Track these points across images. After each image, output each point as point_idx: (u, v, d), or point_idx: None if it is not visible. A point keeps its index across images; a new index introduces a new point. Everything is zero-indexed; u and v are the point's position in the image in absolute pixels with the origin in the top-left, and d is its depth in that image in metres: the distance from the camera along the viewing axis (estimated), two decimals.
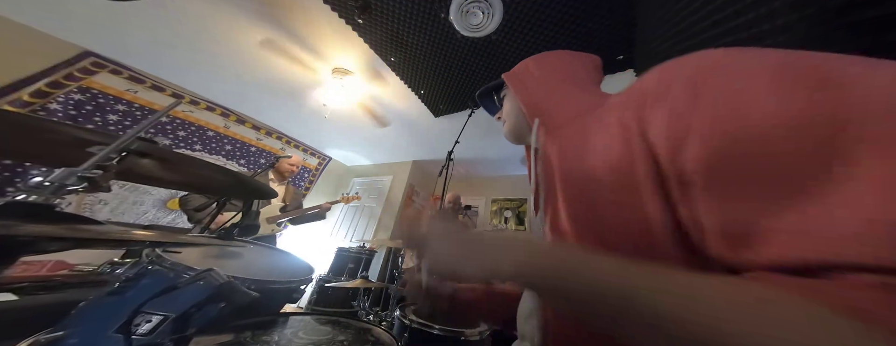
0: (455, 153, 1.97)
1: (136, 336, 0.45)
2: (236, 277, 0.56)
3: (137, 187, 2.73)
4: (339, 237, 3.99)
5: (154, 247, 0.60)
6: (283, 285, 0.71)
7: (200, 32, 2.18)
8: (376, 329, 0.67)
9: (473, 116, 2.21)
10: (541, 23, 1.56)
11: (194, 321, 0.49)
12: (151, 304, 0.45)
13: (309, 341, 0.55)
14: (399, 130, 3.30)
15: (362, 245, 3.04)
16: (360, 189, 4.48)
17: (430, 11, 1.64)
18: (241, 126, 3.55)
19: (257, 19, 1.99)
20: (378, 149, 4.03)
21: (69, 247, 0.36)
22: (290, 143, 4.04)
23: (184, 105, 3.10)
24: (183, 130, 3.10)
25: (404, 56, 2.04)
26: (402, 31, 1.82)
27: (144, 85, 2.83)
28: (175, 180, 0.65)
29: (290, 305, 0.77)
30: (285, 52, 2.27)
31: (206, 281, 0.48)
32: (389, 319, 1.49)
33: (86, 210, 2.50)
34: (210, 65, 2.61)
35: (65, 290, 0.96)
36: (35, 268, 1.30)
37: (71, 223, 0.38)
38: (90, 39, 2.43)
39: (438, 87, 2.31)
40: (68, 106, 2.43)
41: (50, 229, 0.32)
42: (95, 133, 0.49)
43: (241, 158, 3.53)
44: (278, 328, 0.59)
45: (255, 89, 2.94)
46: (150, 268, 0.58)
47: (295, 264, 0.93)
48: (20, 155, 0.67)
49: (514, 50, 1.78)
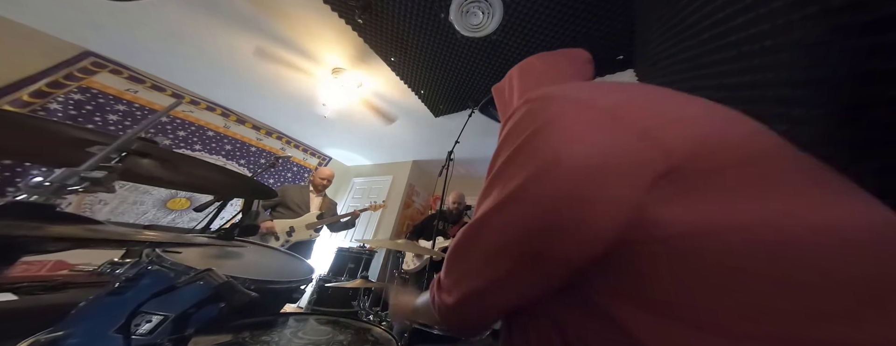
0: (455, 153, 1.97)
1: (135, 336, 0.45)
2: (236, 277, 0.56)
3: (137, 187, 2.73)
4: (339, 237, 3.99)
5: (154, 247, 0.60)
6: (282, 286, 0.71)
7: (200, 33, 2.18)
8: (376, 329, 0.67)
9: (473, 116, 2.22)
10: (541, 23, 1.56)
11: (193, 320, 0.49)
12: (151, 304, 0.45)
13: (309, 341, 0.55)
14: (399, 130, 3.30)
15: (362, 246, 3.04)
16: (360, 189, 4.48)
17: (430, 11, 1.64)
18: (241, 126, 3.55)
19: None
20: (378, 149, 4.03)
21: (69, 247, 0.36)
22: (290, 143, 4.04)
23: (184, 105, 3.11)
24: (183, 130, 3.10)
25: (404, 56, 2.04)
26: (402, 31, 1.82)
27: (144, 85, 2.83)
28: (175, 180, 0.65)
29: (290, 305, 0.77)
30: (284, 55, 2.28)
31: (205, 281, 0.48)
32: (389, 319, 1.49)
33: (86, 210, 2.50)
34: (210, 65, 2.61)
35: (65, 290, 0.96)
36: (35, 268, 1.30)
37: (71, 223, 0.38)
38: (90, 39, 2.43)
39: (438, 87, 2.31)
40: (68, 106, 2.43)
41: (50, 229, 0.32)
42: (95, 133, 0.48)
43: (241, 158, 3.53)
44: (278, 328, 0.59)
45: (255, 89, 2.94)
46: (150, 268, 0.58)
47: (295, 264, 0.93)
48: (20, 155, 0.67)
49: (514, 50, 1.78)
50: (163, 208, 2.92)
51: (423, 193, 4.29)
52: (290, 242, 2.17)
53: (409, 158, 4.10)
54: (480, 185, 1.33)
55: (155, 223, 2.86)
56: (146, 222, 2.81)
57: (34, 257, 1.21)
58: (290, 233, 2.17)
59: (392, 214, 3.77)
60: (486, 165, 0.35)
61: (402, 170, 4.10)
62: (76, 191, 0.39)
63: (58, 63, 2.38)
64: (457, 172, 2.41)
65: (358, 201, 4.33)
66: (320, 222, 2.30)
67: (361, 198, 4.31)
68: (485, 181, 0.34)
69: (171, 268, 0.57)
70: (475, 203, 0.40)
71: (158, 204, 2.89)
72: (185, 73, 2.82)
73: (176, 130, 3.06)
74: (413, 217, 4.01)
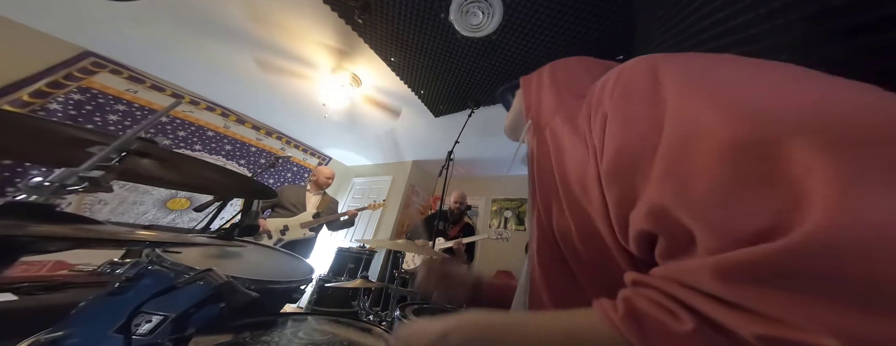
0: (455, 153, 1.97)
1: (135, 336, 0.45)
2: (236, 277, 0.56)
3: (137, 187, 2.73)
4: (339, 237, 3.99)
5: (154, 247, 0.60)
6: (282, 286, 0.71)
7: (200, 33, 2.18)
8: (376, 329, 0.67)
9: (473, 116, 2.22)
10: (541, 23, 1.56)
11: (194, 320, 0.49)
12: (151, 304, 0.45)
13: (309, 341, 0.55)
14: (399, 130, 3.30)
15: (362, 246, 3.04)
16: (360, 189, 4.48)
17: (430, 11, 1.64)
18: (241, 126, 3.55)
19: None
20: (378, 149, 4.03)
21: (69, 247, 0.36)
22: (290, 143, 4.04)
23: (184, 105, 3.11)
24: (183, 130, 3.10)
25: (404, 56, 2.04)
26: (402, 31, 1.82)
27: (144, 85, 2.83)
28: (175, 180, 0.65)
29: (290, 305, 0.77)
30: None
31: (205, 281, 0.48)
32: (389, 319, 1.49)
33: (86, 210, 2.50)
34: (210, 65, 2.61)
35: (65, 290, 0.96)
36: (35, 268, 1.30)
37: (71, 223, 0.38)
38: (90, 39, 2.43)
39: (438, 87, 2.31)
40: (68, 106, 2.43)
41: (50, 229, 0.32)
42: (95, 133, 0.48)
43: (241, 158, 3.53)
44: (278, 328, 0.59)
45: (255, 89, 2.94)
46: (150, 268, 0.58)
47: (295, 264, 0.93)
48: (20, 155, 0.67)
49: (514, 50, 1.78)
50: (163, 208, 2.92)
51: (423, 193, 4.29)
52: (284, 240, 2.17)
53: (409, 159, 4.10)
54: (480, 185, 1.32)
55: (155, 223, 2.86)
56: (146, 222, 2.81)
57: (34, 257, 1.21)
58: (284, 232, 2.18)
59: (392, 214, 3.77)
60: (486, 166, 0.34)
61: (402, 170, 4.10)
62: (76, 191, 0.39)
63: (58, 63, 2.38)
64: (457, 172, 2.41)
65: (358, 200, 4.33)
66: (316, 220, 2.29)
67: (361, 198, 4.31)
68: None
69: (171, 268, 0.57)
70: (474, 203, 0.38)
71: (158, 204, 2.89)
72: (185, 73, 2.83)
73: (176, 130, 3.06)
74: (413, 217, 4.01)
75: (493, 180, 4.15)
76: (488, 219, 3.92)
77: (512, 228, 3.66)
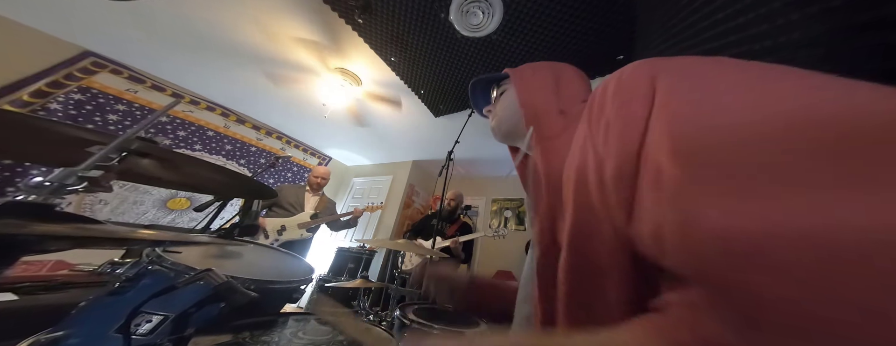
0: (455, 153, 1.97)
1: (135, 336, 0.45)
2: (236, 277, 0.56)
3: (137, 187, 2.73)
4: (339, 237, 3.99)
5: (154, 247, 0.60)
6: (282, 286, 0.71)
7: (200, 33, 2.18)
8: (376, 329, 0.67)
9: (473, 116, 2.22)
10: (541, 23, 1.56)
11: (193, 320, 0.49)
12: (151, 304, 0.45)
13: (309, 341, 0.55)
14: (399, 130, 3.30)
15: (362, 246, 3.04)
16: (360, 189, 4.48)
17: (430, 11, 1.64)
18: (241, 126, 3.55)
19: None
20: (378, 149, 4.03)
21: (69, 247, 0.36)
22: (290, 143, 4.04)
23: (184, 105, 3.11)
24: (183, 130, 3.10)
25: (404, 56, 2.04)
26: (402, 31, 1.82)
27: (144, 85, 2.83)
28: (175, 180, 0.65)
29: (290, 305, 0.77)
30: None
31: (205, 281, 0.48)
32: (389, 319, 1.49)
33: (86, 210, 2.50)
34: (210, 65, 2.61)
35: (65, 290, 0.96)
36: (35, 268, 1.30)
37: (71, 223, 0.38)
38: (90, 39, 2.43)
39: (438, 87, 2.31)
40: (68, 106, 2.43)
41: (50, 228, 0.32)
42: (95, 133, 0.48)
43: (241, 158, 3.53)
44: (278, 328, 0.59)
45: (255, 89, 2.94)
46: (150, 268, 0.58)
47: (295, 264, 0.93)
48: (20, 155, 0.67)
49: (514, 50, 1.78)
50: (163, 208, 2.92)
51: (423, 193, 4.29)
52: (281, 240, 2.17)
53: (409, 158, 4.10)
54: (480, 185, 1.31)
55: (155, 223, 2.87)
56: (146, 222, 2.81)
57: (34, 257, 1.21)
58: (281, 232, 2.17)
59: (392, 214, 3.77)
60: (486, 166, 0.34)
61: (402, 170, 4.10)
62: (76, 191, 0.39)
63: (58, 63, 2.38)
64: (457, 172, 2.41)
65: (358, 200, 4.33)
66: (313, 221, 2.29)
67: (361, 198, 4.31)
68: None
69: (171, 268, 0.57)
70: (474, 203, 0.38)
71: (158, 204, 2.89)
72: (185, 73, 2.83)
73: (176, 130, 3.06)
74: (412, 217, 4.01)
75: (492, 180, 4.15)
76: (488, 219, 3.92)
77: (512, 227, 3.66)
